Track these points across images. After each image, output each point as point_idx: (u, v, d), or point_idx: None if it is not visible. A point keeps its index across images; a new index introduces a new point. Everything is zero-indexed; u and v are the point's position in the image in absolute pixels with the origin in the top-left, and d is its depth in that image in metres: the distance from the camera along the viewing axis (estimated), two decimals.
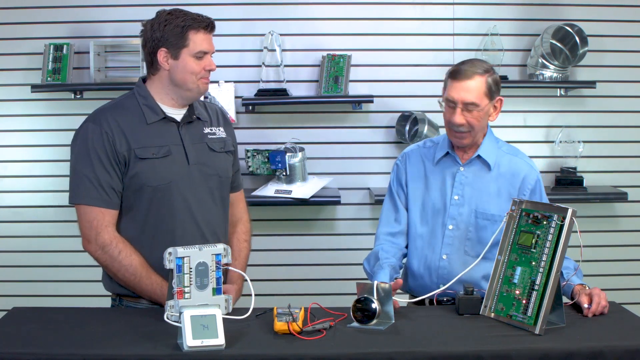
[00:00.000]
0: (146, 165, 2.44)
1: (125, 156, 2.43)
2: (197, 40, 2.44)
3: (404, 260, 2.75)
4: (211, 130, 2.60)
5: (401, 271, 2.70)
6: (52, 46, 3.85)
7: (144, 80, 2.56)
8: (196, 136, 2.55)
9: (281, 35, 3.92)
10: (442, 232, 2.61)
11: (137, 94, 2.52)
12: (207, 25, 2.47)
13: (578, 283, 2.41)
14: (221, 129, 2.63)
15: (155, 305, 2.46)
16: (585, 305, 2.32)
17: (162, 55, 2.46)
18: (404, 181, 2.70)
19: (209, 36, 2.48)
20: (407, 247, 2.71)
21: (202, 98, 3.60)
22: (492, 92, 2.52)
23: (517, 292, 2.26)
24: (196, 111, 2.57)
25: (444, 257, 2.60)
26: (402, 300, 2.60)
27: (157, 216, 2.47)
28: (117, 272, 2.43)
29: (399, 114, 3.95)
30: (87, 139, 2.44)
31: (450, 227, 2.60)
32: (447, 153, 2.63)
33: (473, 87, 2.49)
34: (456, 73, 2.52)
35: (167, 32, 2.44)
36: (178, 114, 2.53)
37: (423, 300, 2.54)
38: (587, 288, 2.40)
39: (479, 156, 2.60)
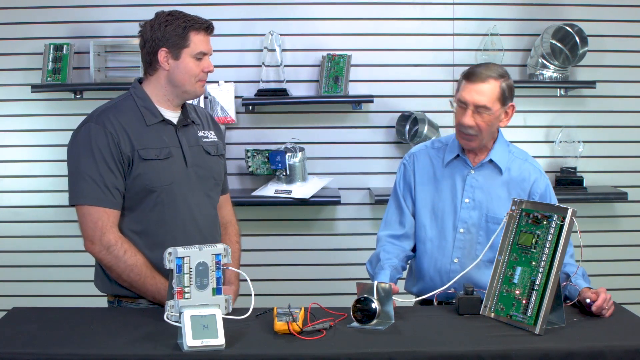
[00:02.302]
0: (149, 167, 2.44)
1: (129, 156, 2.43)
2: (197, 41, 2.46)
3: (410, 263, 2.74)
4: (204, 133, 2.61)
5: (405, 273, 2.69)
6: (52, 46, 3.85)
7: (140, 81, 2.56)
8: (192, 139, 2.56)
9: (281, 35, 3.92)
10: (452, 236, 2.60)
11: (135, 95, 2.52)
12: (207, 27, 2.49)
13: (585, 286, 2.40)
14: (212, 132, 2.65)
15: (154, 305, 2.46)
16: (588, 301, 2.30)
17: (162, 55, 2.46)
18: (412, 182, 2.68)
19: (208, 38, 2.50)
20: (413, 250, 2.69)
21: (202, 98, 3.62)
22: (505, 97, 2.50)
23: (517, 292, 2.26)
24: (191, 115, 2.59)
25: (456, 260, 2.59)
26: (409, 300, 2.60)
27: (159, 217, 2.47)
28: (122, 273, 2.42)
29: (399, 114, 3.95)
30: (89, 139, 2.42)
31: (461, 230, 2.59)
32: (458, 155, 2.62)
33: (486, 91, 2.48)
34: (471, 75, 2.50)
35: (169, 32, 2.44)
36: (174, 116, 2.54)
37: (430, 300, 2.54)
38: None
39: (490, 160, 2.59)
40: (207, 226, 2.55)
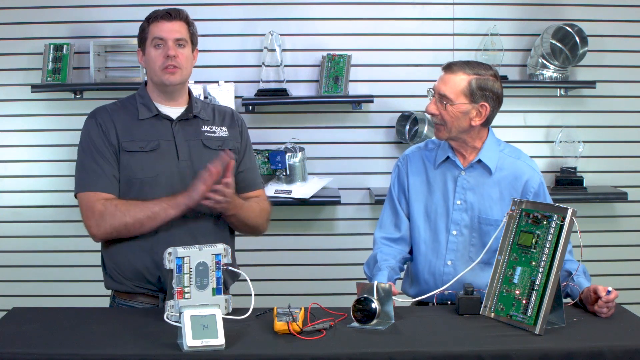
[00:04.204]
0: (133, 158, 2.48)
1: (115, 148, 2.49)
2: (154, 29, 2.50)
3: (407, 264, 2.74)
4: (211, 128, 2.60)
5: (402, 274, 2.69)
6: (52, 46, 3.85)
7: (147, 82, 2.62)
8: (191, 133, 2.56)
9: (281, 35, 3.92)
10: (445, 238, 2.59)
11: (138, 94, 2.60)
12: (164, 14, 2.50)
13: (587, 286, 2.39)
14: (224, 128, 2.63)
15: (152, 305, 2.47)
16: (610, 289, 2.27)
17: (140, 55, 2.57)
18: (406, 184, 2.67)
19: (169, 24, 2.49)
20: (410, 252, 2.69)
21: (202, 98, 3.61)
22: (474, 95, 2.48)
23: (517, 292, 2.26)
24: (195, 110, 2.59)
25: (449, 262, 2.58)
26: (406, 300, 2.60)
27: None
28: (128, 219, 2.42)
29: (399, 114, 3.95)
30: (85, 133, 2.54)
31: (454, 232, 2.58)
32: (448, 157, 2.61)
33: (451, 81, 2.50)
34: (447, 66, 2.55)
35: (138, 32, 2.54)
36: (174, 112, 2.56)
37: (426, 302, 2.54)
38: None
39: (479, 161, 2.58)
40: (197, 221, 2.50)
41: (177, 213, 2.42)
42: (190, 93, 2.62)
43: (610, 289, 2.29)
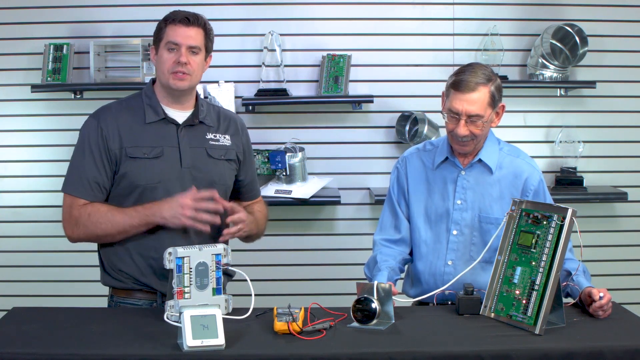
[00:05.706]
0: (136, 165, 2.46)
1: (116, 154, 2.46)
2: (170, 32, 2.47)
3: (408, 266, 2.74)
4: (215, 136, 2.58)
5: (403, 275, 2.69)
6: (52, 46, 3.85)
7: (154, 81, 2.59)
8: (196, 140, 2.54)
9: (281, 35, 3.92)
10: (446, 238, 2.59)
11: (144, 93, 2.56)
12: (182, 19, 2.47)
13: (587, 286, 2.38)
14: (227, 137, 2.60)
15: (145, 302, 2.48)
16: (602, 294, 2.27)
17: (152, 52, 2.54)
18: (405, 186, 2.67)
19: (185, 30, 2.46)
20: (410, 253, 2.69)
21: (202, 97, 3.60)
22: (495, 100, 2.48)
23: (517, 292, 2.26)
24: (201, 115, 2.56)
25: (450, 262, 2.58)
26: (406, 300, 2.60)
27: None
28: (99, 232, 2.45)
29: (399, 114, 3.95)
30: (84, 132, 2.51)
31: (455, 232, 2.58)
32: (447, 158, 2.61)
33: (477, 99, 2.44)
34: (459, 84, 2.45)
35: (155, 30, 2.52)
36: (180, 115, 2.54)
37: (426, 302, 2.54)
38: None
39: (479, 160, 2.58)
40: (197, 230, 2.47)
41: (147, 228, 2.45)
42: (197, 96, 2.60)
43: (601, 294, 2.29)
